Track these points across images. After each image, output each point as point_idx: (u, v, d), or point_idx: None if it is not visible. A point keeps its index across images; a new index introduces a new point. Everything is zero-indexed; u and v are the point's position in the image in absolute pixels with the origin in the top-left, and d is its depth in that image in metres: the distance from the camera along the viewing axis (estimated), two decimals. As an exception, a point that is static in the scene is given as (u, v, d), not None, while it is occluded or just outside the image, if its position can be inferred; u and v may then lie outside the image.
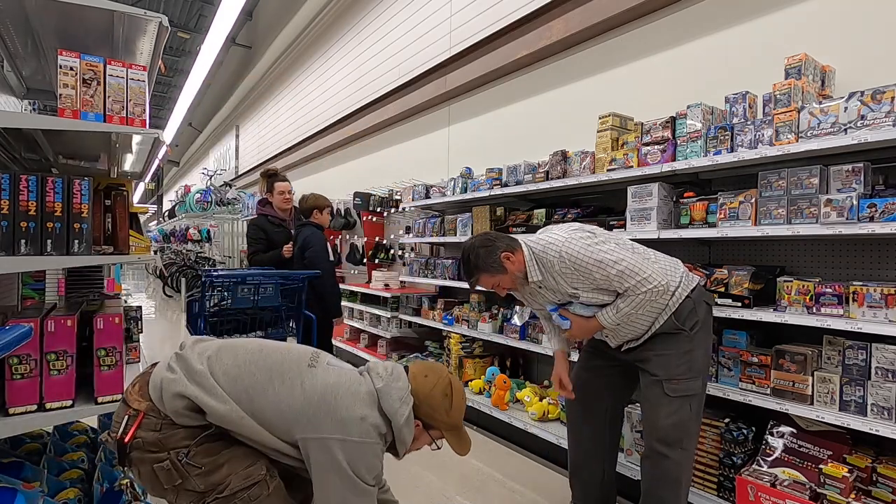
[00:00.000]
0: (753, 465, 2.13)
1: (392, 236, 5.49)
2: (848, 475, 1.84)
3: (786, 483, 1.95)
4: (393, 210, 5.09)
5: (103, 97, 1.60)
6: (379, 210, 5.36)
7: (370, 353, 5.10)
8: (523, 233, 3.26)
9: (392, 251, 5.45)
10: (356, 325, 5.40)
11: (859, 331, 1.84)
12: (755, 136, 2.17)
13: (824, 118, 1.96)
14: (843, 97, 1.93)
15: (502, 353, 3.86)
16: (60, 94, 1.54)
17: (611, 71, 3.41)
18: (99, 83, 1.59)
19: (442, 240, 4.25)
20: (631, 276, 1.79)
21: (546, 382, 3.48)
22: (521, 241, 1.96)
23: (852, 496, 1.83)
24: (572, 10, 3.45)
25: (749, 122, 2.20)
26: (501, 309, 3.68)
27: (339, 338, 5.69)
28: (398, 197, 5.07)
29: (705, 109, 2.43)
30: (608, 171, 2.72)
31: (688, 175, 2.56)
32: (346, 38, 6.88)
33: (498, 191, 3.50)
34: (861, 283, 1.91)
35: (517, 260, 1.91)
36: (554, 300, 1.99)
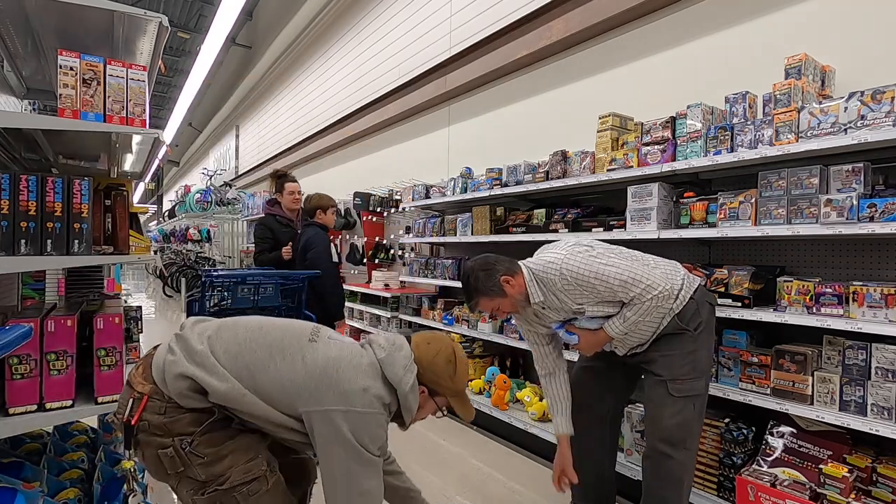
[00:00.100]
0: (753, 465, 2.13)
1: (392, 236, 5.49)
2: (848, 475, 1.84)
3: (786, 483, 1.95)
4: (393, 210, 5.09)
5: (103, 97, 1.60)
6: (379, 210, 5.36)
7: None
8: (523, 232, 3.28)
9: (392, 251, 5.45)
10: (356, 325, 5.40)
11: (859, 331, 1.84)
12: (755, 136, 2.17)
13: (824, 118, 1.96)
14: (843, 97, 1.93)
15: (502, 353, 3.86)
16: (60, 94, 1.54)
17: (611, 71, 3.41)
18: (99, 83, 1.59)
19: (442, 240, 4.25)
20: (635, 285, 1.80)
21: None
22: (521, 264, 1.95)
23: (852, 496, 1.83)
24: (572, 10, 3.45)
25: (749, 122, 2.20)
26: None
27: (339, 338, 5.68)
28: (398, 197, 5.08)
29: (705, 109, 2.43)
30: (608, 171, 2.72)
31: (688, 175, 2.56)
32: (346, 38, 6.88)
33: (498, 191, 3.50)
34: (861, 283, 1.91)
35: (517, 283, 1.90)
36: (558, 319, 1.99)
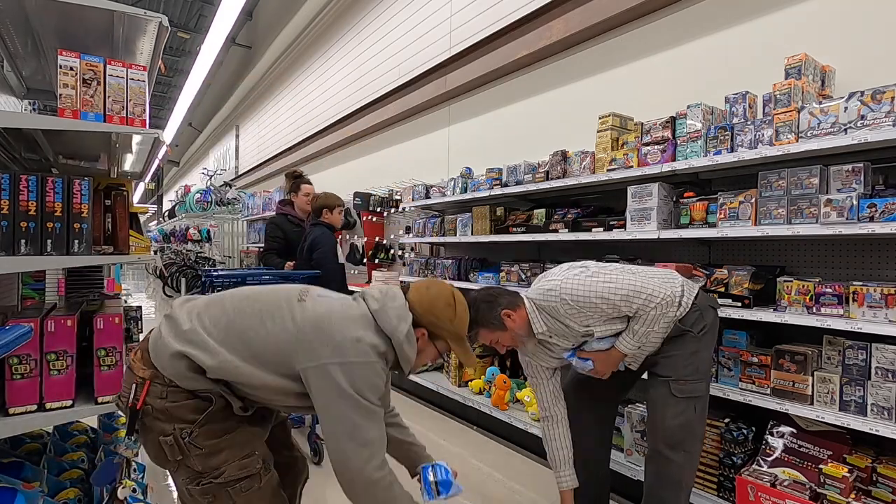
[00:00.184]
0: (753, 465, 2.13)
1: (392, 236, 5.49)
2: (848, 475, 1.84)
3: (786, 483, 1.95)
4: (393, 210, 5.08)
5: (103, 97, 1.60)
6: (379, 210, 5.36)
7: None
8: (523, 232, 3.28)
9: (392, 251, 5.45)
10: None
11: (859, 331, 1.84)
12: (755, 136, 2.17)
13: (824, 118, 1.96)
14: (843, 97, 1.93)
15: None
16: (60, 94, 1.54)
17: (611, 71, 3.41)
18: (99, 83, 1.59)
19: (442, 240, 4.25)
20: (636, 297, 1.80)
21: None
22: (523, 296, 1.95)
23: (852, 496, 1.83)
24: (572, 10, 3.45)
25: (749, 122, 2.20)
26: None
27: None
28: (398, 197, 5.08)
29: (705, 109, 2.43)
30: (608, 171, 2.72)
31: (688, 175, 2.56)
32: (346, 38, 6.88)
33: (498, 191, 3.50)
34: (861, 283, 1.91)
35: (518, 317, 1.90)
36: (568, 346, 1.98)
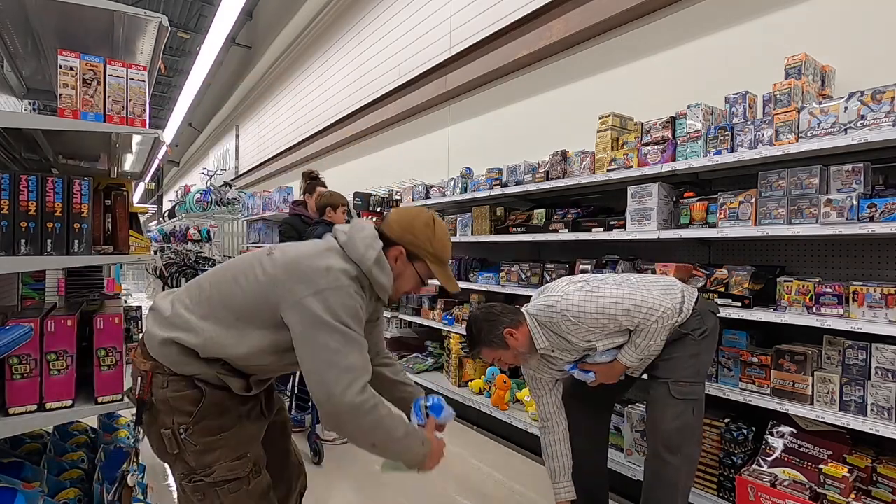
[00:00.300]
0: (753, 465, 2.13)
1: (392, 236, 5.48)
2: (848, 475, 1.84)
3: (786, 483, 1.95)
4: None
5: (103, 97, 1.60)
6: (379, 210, 5.35)
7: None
8: (523, 232, 3.28)
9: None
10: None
11: (859, 331, 1.84)
12: (755, 136, 2.17)
13: (824, 118, 1.96)
14: (843, 97, 1.93)
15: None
16: (60, 94, 1.54)
17: (611, 71, 3.41)
18: (99, 83, 1.59)
19: (442, 240, 4.24)
20: (637, 311, 1.80)
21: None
22: (524, 311, 1.95)
23: (852, 496, 1.83)
24: (572, 10, 3.45)
25: (749, 122, 2.20)
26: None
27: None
28: (398, 197, 5.07)
29: (705, 109, 2.43)
30: (608, 171, 2.72)
31: (688, 175, 2.56)
32: (346, 38, 6.88)
33: (498, 191, 3.50)
34: (861, 283, 1.91)
35: (520, 334, 1.90)
36: (570, 360, 1.99)
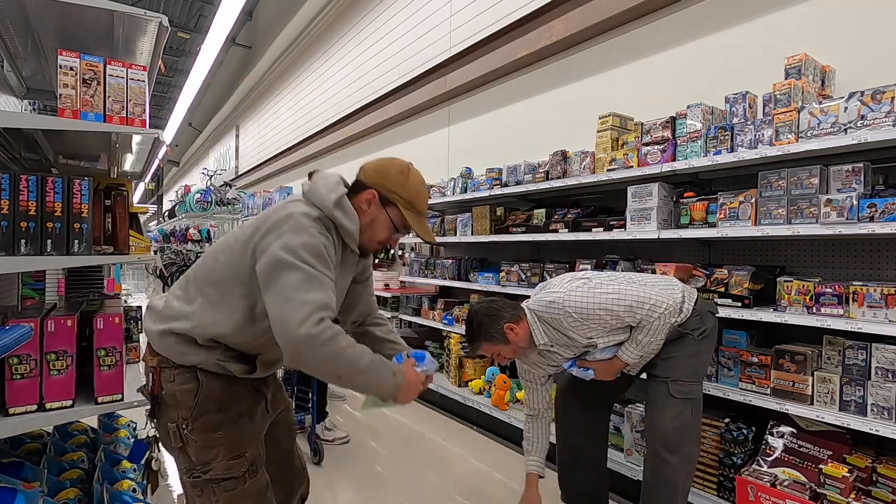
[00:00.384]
0: (753, 465, 2.13)
1: (392, 236, 5.47)
2: (848, 475, 1.84)
3: (786, 483, 1.95)
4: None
5: (103, 97, 1.60)
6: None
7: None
8: (523, 232, 3.28)
9: (392, 251, 5.44)
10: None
11: (859, 331, 1.85)
12: (755, 136, 2.17)
13: (824, 118, 1.96)
14: (843, 97, 1.93)
15: (502, 353, 3.85)
16: (60, 94, 1.54)
17: (611, 71, 3.41)
18: (99, 83, 1.59)
19: (442, 240, 4.25)
20: (639, 308, 1.81)
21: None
22: (524, 307, 1.96)
23: (852, 496, 1.83)
24: (572, 10, 3.45)
25: (749, 122, 2.20)
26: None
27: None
28: (398, 197, 5.07)
29: (705, 109, 2.43)
30: (608, 171, 2.72)
31: (688, 175, 2.56)
32: (346, 38, 6.88)
33: (498, 191, 3.50)
34: (861, 283, 1.91)
35: (521, 329, 1.90)
36: (569, 356, 2.00)
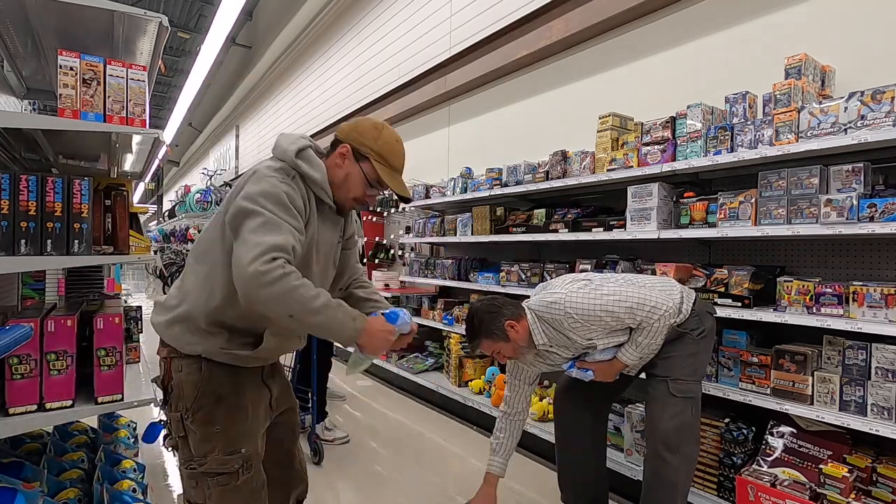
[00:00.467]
0: (753, 465, 2.13)
1: (392, 236, 5.49)
2: (848, 475, 1.84)
3: (786, 483, 1.95)
4: (393, 210, 5.08)
5: (103, 97, 1.60)
6: (379, 210, 5.35)
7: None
8: (523, 232, 3.28)
9: (392, 251, 5.45)
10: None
11: (859, 331, 1.85)
12: (755, 136, 2.17)
13: (824, 118, 1.96)
14: (843, 97, 1.93)
15: (502, 353, 3.85)
16: (60, 94, 1.54)
17: (611, 71, 3.41)
18: (99, 83, 1.59)
19: (442, 240, 4.25)
20: (640, 309, 1.82)
21: (546, 383, 3.48)
22: (525, 307, 1.96)
23: (852, 496, 1.83)
24: (572, 10, 3.45)
25: (749, 122, 2.20)
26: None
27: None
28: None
29: (705, 109, 2.43)
30: (608, 171, 2.72)
31: (688, 175, 2.56)
32: (346, 38, 6.88)
33: (498, 191, 3.50)
34: (861, 283, 1.91)
35: (521, 328, 1.91)
36: (568, 356, 2.00)
